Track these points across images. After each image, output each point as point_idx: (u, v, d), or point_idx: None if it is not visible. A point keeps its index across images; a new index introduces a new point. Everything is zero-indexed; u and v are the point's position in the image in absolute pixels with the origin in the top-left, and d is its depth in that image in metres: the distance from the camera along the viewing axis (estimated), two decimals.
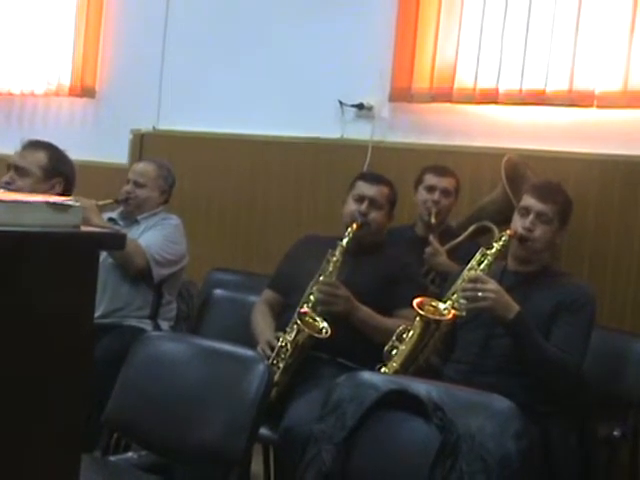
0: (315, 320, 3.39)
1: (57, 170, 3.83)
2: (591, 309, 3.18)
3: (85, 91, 5.83)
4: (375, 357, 3.26)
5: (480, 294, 3.06)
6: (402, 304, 3.39)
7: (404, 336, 3.24)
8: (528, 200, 3.28)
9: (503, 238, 3.29)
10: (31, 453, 1.57)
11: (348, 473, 2.46)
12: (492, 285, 3.07)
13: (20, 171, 3.78)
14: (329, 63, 4.91)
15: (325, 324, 3.37)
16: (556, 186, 3.44)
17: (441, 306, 3.21)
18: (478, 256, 3.32)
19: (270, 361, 3.27)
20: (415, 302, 3.19)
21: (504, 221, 3.67)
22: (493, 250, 3.30)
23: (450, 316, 3.18)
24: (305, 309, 3.42)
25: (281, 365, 3.33)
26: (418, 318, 3.19)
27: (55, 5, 5.95)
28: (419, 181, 4.14)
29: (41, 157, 3.81)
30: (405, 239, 4.04)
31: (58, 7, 5.94)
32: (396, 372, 3.16)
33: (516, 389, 2.96)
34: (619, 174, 4.12)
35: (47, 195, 1.82)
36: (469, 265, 3.32)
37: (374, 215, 3.64)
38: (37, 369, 1.56)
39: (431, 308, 3.20)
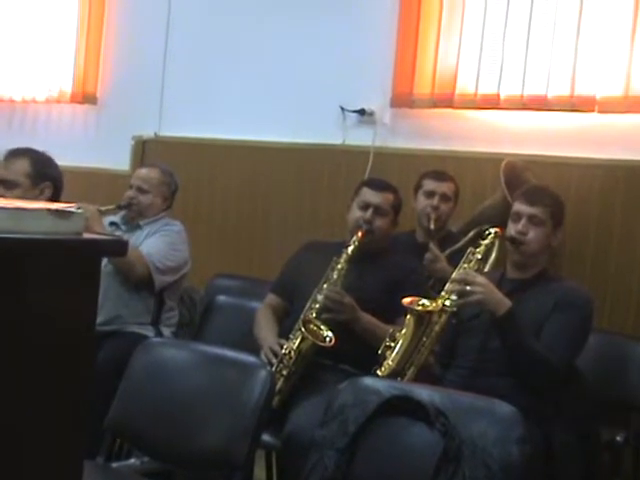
0: (319, 328, 3.39)
1: (43, 175, 3.79)
2: (586, 310, 3.18)
3: (87, 98, 5.84)
4: (377, 363, 3.26)
5: (468, 288, 3.07)
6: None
7: (397, 335, 3.24)
8: (518, 206, 3.31)
9: (490, 236, 3.32)
10: (33, 459, 1.57)
11: (350, 479, 2.46)
12: (480, 279, 3.09)
13: (7, 184, 3.72)
14: (330, 69, 4.91)
15: (329, 333, 3.36)
16: (544, 189, 3.49)
17: (427, 302, 3.22)
18: (466, 256, 3.36)
19: (274, 368, 3.27)
20: (404, 301, 3.20)
21: (504, 225, 3.67)
22: (481, 247, 3.34)
23: (435, 305, 3.18)
24: (309, 317, 3.42)
25: (284, 372, 3.33)
26: (409, 315, 3.20)
27: (57, 12, 5.96)
28: (418, 187, 4.13)
29: (25, 165, 3.76)
30: (405, 245, 4.03)
31: (60, 14, 5.95)
32: (392, 371, 3.16)
33: (517, 392, 2.96)
34: (621, 179, 4.12)
35: (38, 201, 1.83)
36: (459, 266, 3.35)
37: (379, 223, 3.63)
38: (39, 375, 1.56)
39: (420, 306, 3.21)
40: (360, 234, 3.57)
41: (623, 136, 4.13)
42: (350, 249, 3.54)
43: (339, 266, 3.51)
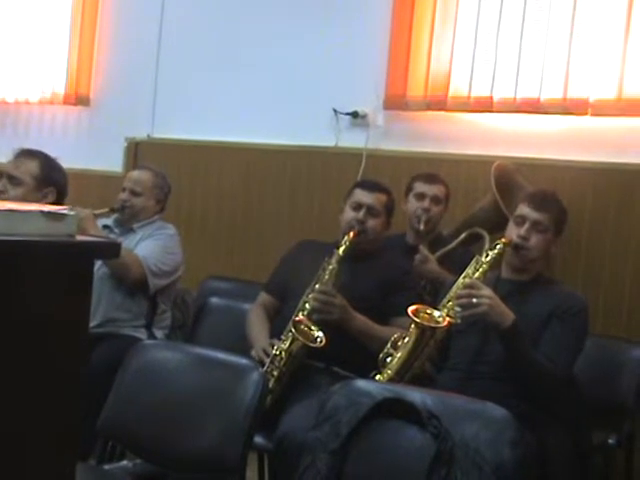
0: (310, 329, 3.39)
1: (49, 179, 3.83)
2: (584, 317, 3.18)
3: (79, 99, 5.84)
4: (370, 366, 3.25)
5: (475, 300, 3.06)
6: (399, 312, 3.36)
7: (399, 344, 3.23)
8: (524, 209, 3.27)
9: (498, 246, 3.27)
10: (26, 461, 1.57)
11: None
12: (486, 291, 3.06)
13: (13, 180, 3.78)
14: (323, 71, 4.91)
15: (320, 333, 3.36)
16: (551, 195, 3.43)
17: (436, 313, 3.20)
18: (473, 264, 3.31)
19: (265, 369, 3.27)
20: (410, 309, 3.18)
21: (495, 227, 3.67)
22: (488, 258, 3.28)
23: (445, 323, 3.17)
24: (300, 317, 3.42)
25: (275, 373, 3.33)
26: (413, 325, 3.17)
27: (50, 13, 5.96)
28: (409, 189, 4.13)
29: (34, 166, 3.81)
30: (396, 247, 4.02)
31: (53, 15, 5.94)
32: (391, 380, 3.15)
33: (510, 396, 2.96)
34: (613, 182, 4.13)
35: (40, 204, 1.83)
36: (464, 273, 3.31)
37: (371, 223, 3.64)
38: (32, 377, 1.55)
39: (426, 315, 3.19)
40: (352, 234, 3.57)
41: (616, 139, 4.13)
42: (341, 249, 3.54)
43: (330, 266, 3.51)
